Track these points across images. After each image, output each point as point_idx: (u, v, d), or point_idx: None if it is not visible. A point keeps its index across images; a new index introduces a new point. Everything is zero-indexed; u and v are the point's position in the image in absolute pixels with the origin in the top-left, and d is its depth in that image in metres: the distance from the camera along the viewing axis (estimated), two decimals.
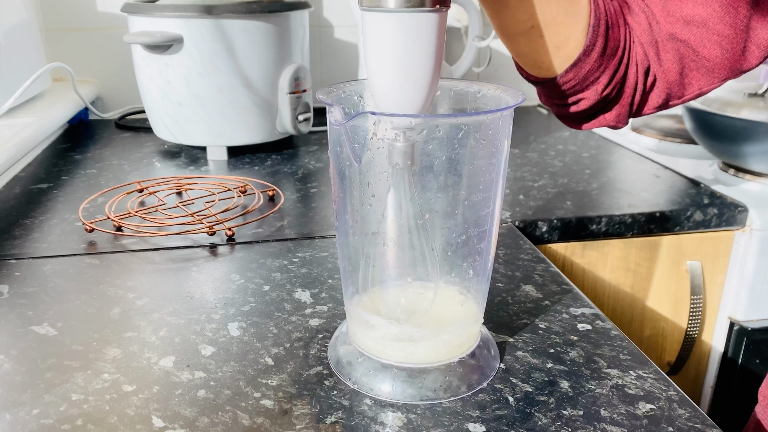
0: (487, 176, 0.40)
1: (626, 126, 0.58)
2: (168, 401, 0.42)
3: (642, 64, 0.53)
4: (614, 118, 0.56)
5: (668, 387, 0.43)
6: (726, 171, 0.92)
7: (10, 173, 0.86)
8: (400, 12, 0.37)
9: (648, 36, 0.52)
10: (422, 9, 0.37)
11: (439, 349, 0.43)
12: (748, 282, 0.82)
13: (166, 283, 0.58)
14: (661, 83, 0.54)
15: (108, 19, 1.16)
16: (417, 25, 0.37)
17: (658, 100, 0.55)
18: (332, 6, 1.23)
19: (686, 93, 0.54)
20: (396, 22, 0.37)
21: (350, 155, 0.39)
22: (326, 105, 0.39)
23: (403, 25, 0.37)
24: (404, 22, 0.37)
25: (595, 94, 0.53)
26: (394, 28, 0.37)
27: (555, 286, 0.57)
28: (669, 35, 0.51)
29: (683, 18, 0.50)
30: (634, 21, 0.53)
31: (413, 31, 0.37)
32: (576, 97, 0.54)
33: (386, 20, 0.37)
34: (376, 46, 0.39)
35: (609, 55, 0.52)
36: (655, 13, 0.52)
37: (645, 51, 0.53)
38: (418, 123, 0.38)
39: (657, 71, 0.53)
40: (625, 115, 0.56)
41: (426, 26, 0.38)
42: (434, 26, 0.38)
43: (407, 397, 0.42)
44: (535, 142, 1.05)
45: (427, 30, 0.38)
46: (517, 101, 0.40)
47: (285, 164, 0.92)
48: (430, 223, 0.40)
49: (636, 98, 0.55)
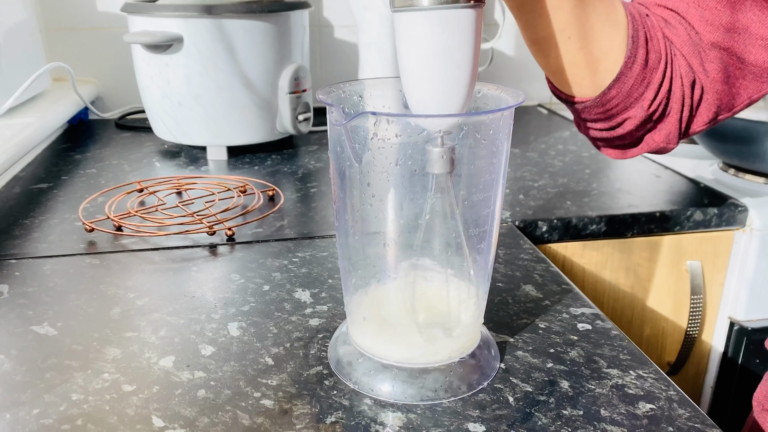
0: (487, 176, 0.40)
1: (676, 148, 0.54)
2: (168, 401, 0.42)
3: (687, 76, 0.50)
4: (664, 138, 0.52)
5: (668, 387, 0.43)
6: (726, 171, 0.92)
7: (10, 173, 0.86)
8: (437, 9, 0.36)
9: (690, 47, 0.50)
10: (458, 5, 0.36)
11: (440, 349, 0.43)
12: (748, 282, 0.82)
13: (166, 282, 0.58)
14: (709, 94, 0.51)
15: (108, 19, 1.16)
16: (454, 21, 0.37)
17: (709, 114, 0.52)
18: (332, 6, 1.23)
19: (736, 103, 0.51)
20: (432, 20, 0.36)
21: (351, 155, 0.38)
22: (326, 105, 0.39)
23: (439, 22, 0.36)
24: (441, 18, 0.36)
25: (642, 111, 0.50)
26: (430, 25, 0.37)
27: (555, 286, 0.57)
28: (711, 44, 0.49)
29: (723, 26, 0.48)
30: (672, 34, 0.50)
31: (451, 27, 0.37)
32: (621, 117, 0.50)
33: (421, 18, 0.37)
34: (412, 47, 0.38)
35: (652, 67, 0.49)
36: (693, 24, 0.49)
37: (689, 62, 0.50)
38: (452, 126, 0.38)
39: (704, 81, 0.50)
40: (676, 135, 0.52)
41: (463, 22, 0.37)
42: (471, 22, 0.37)
43: (408, 398, 0.42)
44: (535, 142, 1.05)
45: (464, 26, 0.37)
46: (517, 101, 0.40)
47: (285, 164, 0.92)
48: (429, 223, 0.40)
49: (684, 114, 0.51)
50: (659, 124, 0.52)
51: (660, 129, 0.52)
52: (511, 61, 1.32)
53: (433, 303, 0.44)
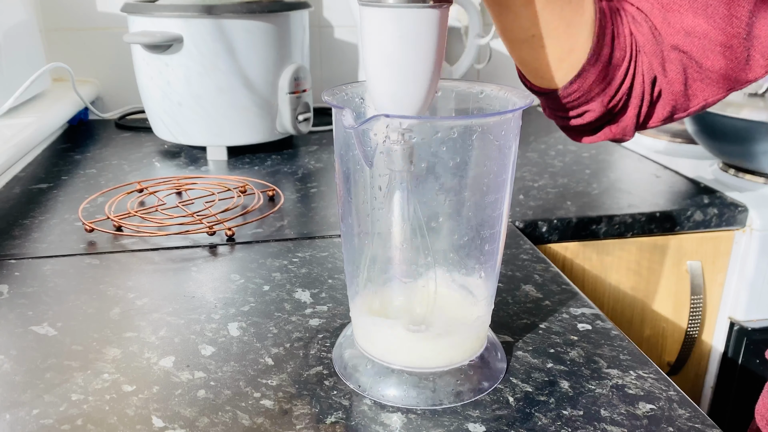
0: (499, 177, 0.40)
1: (632, 139, 0.56)
2: (168, 401, 0.42)
3: (648, 74, 0.51)
4: (620, 131, 0.54)
5: (668, 387, 0.43)
6: (726, 171, 0.92)
7: (10, 173, 0.86)
8: (400, 8, 0.36)
9: (652, 46, 0.51)
10: (423, 5, 0.36)
11: (449, 352, 0.43)
12: (748, 282, 0.82)
13: (166, 283, 0.58)
14: (666, 95, 0.52)
15: (108, 19, 1.16)
16: (417, 21, 0.36)
17: (664, 112, 0.53)
18: (332, 6, 1.23)
19: (691, 105, 0.53)
20: (395, 18, 0.36)
21: (361, 158, 0.38)
22: (337, 108, 0.38)
23: (402, 22, 0.36)
24: (404, 18, 0.36)
25: (601, 106, 0.51)
26: (393, 24, 0.37)
27: (555, 286, 0.57)
28: (672, 46, 0.50)
29: (684, 29, 0.49)
30: (638, 31, 0.51)
31: (413, 27, 0.37)
32: (581, 109, 0.52)
33: (385, 16, 0.37)
34: (374, 44, 0.38)
35: (615, 64, 0.50)
36: (656, 24, 0.50)
37: (650, 61, 0.51)
38: (414, 124, 0.38)
39: (662, 82, 0.51)
40: (632, 128, 0.54)
41: (426, 23, 0.37)
42: (435, 23, 0.37)
43: (420, 403, 0.41)
44: (535, 142, 1.05)
45: (427, 27, 0.37)
46: (525, 101, 0.39)
47: (285, 164, 0.92)
48: (439, 226, 0.40)
49: (643, 110, 0.53)
50: (618, 118, 0.54)
51: (618, 122, 0.54)
52: (509, 59, 1.32)
53: (441, 306, 0.43)
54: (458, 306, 0.43)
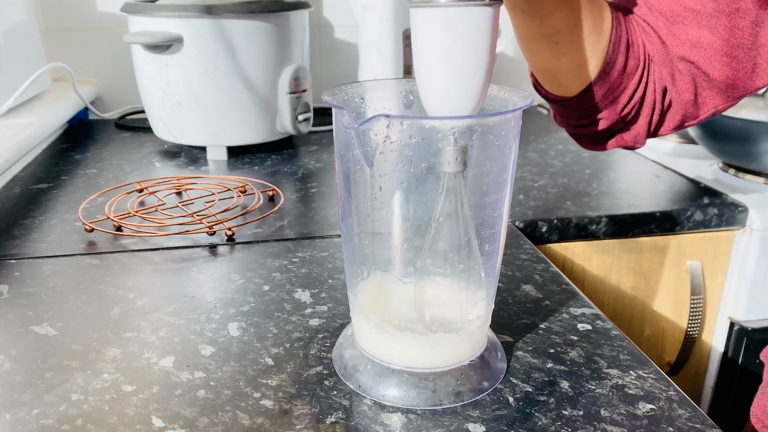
0: (499, 177, 0.40)
1: (643, 146, 0.56)
2: (168, 401, 0.42)
3: (660, 83, 0.52)
4: (632, 138, 0.54)
5: (668, 387, 0.43)
6: (726, 171, 0.92)
7: (10, 173, 0.86)
8: (456, 6, 0.36)
9: (662, 56, 0.51)
10: (479, 3, 0.36)
11: (449, 352, 0.43)
12: (748, 282, 0.82)
13: (166, 283, 0.58)
14: (676, 104, 0.52)
15: (108, 19, 1.16)
16: (472, 19, 0.36)
17: (675, 120, 0.54)
18: (332, 6, 1.23)
19: (701, 113, 0.53)
20: (448, 18, 0.36)
21: (361, 159, 0.38)
22: (336, 108, 0.38)
23: (455, 20, 0.36)
24: (456, 16, 0.36)
25: (614, 114, 0.51)
26: (446, 22, 0.36)
27: (555, 286, 0.57)
28: (679, 57, 0.50)
29: (689, 41, 0.49)
30: (648, 41, 0.51)
31: (468, 26, 0.36)
32: (594, 117, 0.52)
33: (440, 15, 0.36)
34: (427, 44, 0.37)
35: (629, 73, 0.50)
36: (662, 36, 0.51)
37: (660, 71, 0.51)
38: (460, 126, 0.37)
39: (672, 91, 0.52)
40: (643, 136, 0.54)
41: (481, 21, 0.36)
42: (488, 20, 0.37)
43: (420, 403, 0.41)
44: (535, 142, 1.05)
45: (482, 25, 0.37)
46: (525, 102, 0.39)
47: (285, 164, 0.92)
48: (440, 226, 0.40)
49: (654, 118, 0.53)
50: (630, 126, 0.54)
51: (630, 130, 0.54)
52: (511, 61, 1.32)
53: (442, 306, 0.43)
54: (458, 306, 0.43)
